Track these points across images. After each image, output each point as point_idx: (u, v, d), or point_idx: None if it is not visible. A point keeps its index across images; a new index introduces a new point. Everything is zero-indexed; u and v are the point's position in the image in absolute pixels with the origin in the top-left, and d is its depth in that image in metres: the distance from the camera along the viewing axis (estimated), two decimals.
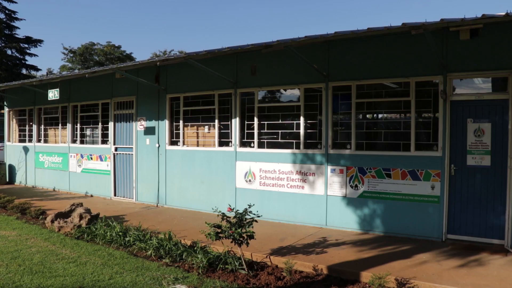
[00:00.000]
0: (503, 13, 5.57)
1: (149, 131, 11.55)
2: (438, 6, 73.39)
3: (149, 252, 7.02)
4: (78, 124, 13.74)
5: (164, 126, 11.24)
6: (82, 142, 13.76)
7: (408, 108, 7.96)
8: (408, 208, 7.87)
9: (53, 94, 12.08)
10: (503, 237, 7.16)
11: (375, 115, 8.65)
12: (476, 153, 7.41)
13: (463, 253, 6.76)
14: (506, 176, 7.13)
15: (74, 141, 13.90)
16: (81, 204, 9.41)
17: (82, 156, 13.39)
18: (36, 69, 33.02)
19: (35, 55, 34.92)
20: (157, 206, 11.36)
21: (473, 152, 7.43)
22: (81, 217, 8.77)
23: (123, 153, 12.30)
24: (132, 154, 12.02)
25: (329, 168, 8.67)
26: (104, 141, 12.85)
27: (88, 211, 9.05)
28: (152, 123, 11.48)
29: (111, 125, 12.53)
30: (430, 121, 7.85)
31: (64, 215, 9.06)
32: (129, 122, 12.11)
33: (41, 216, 9.90)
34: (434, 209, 7.65)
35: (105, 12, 72.98)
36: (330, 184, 8.66)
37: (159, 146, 11.33)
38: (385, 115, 8.56)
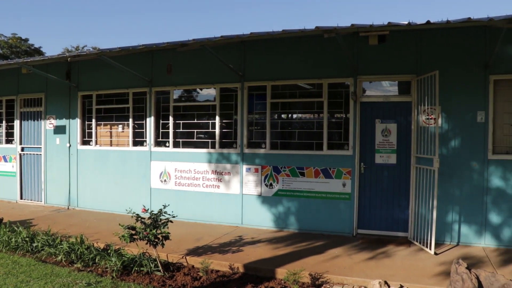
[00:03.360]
0: (406, 22, 5.66)
1: (60, 130, 10.44)
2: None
3: (59, 258, 6.33)
4: None
5: (75, 125, 10.20)
6: None
7: (321, 109, 7.82)
8: (321, 205, 7.74)
9: None
10: (407, 230, 7.32)
11: (289, 115, 8.42)
12: (384, 152, 7.43)
13: (372, 247, 6.86)
14: (410, 173, 7.23)
15: None
16: None
17: None
18: None
19: None
20: (68, 208, 10.29)
21: (380, 151, 7.44)
22: None
23: (30, 153, 11.01)
24: (40, 154, 10.78)
25: (244, 167, 8.32)
26: (9, 141, 11.40)
27: None
28: (63, 122, 10.38)
29: (17, 123, 11.14)
30: (341, 121, 7.77)
31: None
32: (38, 120, 10.84)
33: None
34: (346, 206, 7.58)
35: (11, 2, 65.16)
36: (246, 183, 8.31)
37: (70, 145, 10.28)
38: (299, 115, 8.38)
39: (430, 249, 6.44)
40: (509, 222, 6.73)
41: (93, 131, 10.06)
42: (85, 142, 10.23)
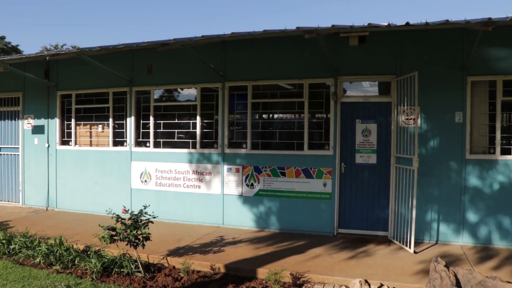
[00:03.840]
0: (386, 24, 5.67)
1: (38, 130, 10.18)
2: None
3: (38, 260, 6.16)
4: None
5: (54, 125, 9.95)
6: None
7: (302, 109, 7.78)
8: (302, 205, 7.69)
9: None
10: (387, 229, 7.33)
11: (270, 115, 8.37)
12: (364, 152, 7.43)
13: (353, 246, 6.85)
14: (390, 173, 7.24)
15: None
16: None
17: None
18: None
19: None
20: (47, 209, 10.04)
21: (361, 151, 7.44)
22: None
23: (7, 154, 10.70)
24: (18, 154, 10.49)
25: (225, 167, 8.24)
26: None
27: None
28: (41, 122, 10.12)
29: None
30: (322, 121, 7.75)
31: None
32: (15, 120, 10.55)
33: None
34: (326, 205, 7.55)
35: None
36: (227, 183, 8.22)
37: (49, 146, 10.03)
38: (280, 115, 8.34)
39: (410, 247, 6.46)
40: (486, 220, 6.80)
41: (73, 131, 9.83)
42: (64, 142, 10.00)
